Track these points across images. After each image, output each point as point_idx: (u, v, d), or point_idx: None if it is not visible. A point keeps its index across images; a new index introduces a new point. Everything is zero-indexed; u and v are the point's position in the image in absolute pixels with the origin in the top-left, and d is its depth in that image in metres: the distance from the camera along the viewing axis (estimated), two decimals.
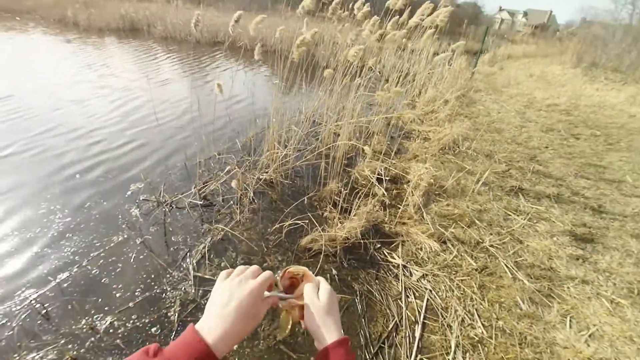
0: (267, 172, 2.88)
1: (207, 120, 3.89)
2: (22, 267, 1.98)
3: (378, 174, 3.06)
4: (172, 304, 1.82)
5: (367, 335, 1.76)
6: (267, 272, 0.57)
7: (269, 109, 3.90)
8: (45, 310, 1.74)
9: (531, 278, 2.19)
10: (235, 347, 1.65)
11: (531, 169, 3.68)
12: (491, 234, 2.57)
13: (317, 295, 0.59)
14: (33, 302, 1.77)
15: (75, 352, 1.56)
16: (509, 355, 1.70)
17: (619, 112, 6.63)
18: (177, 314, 1.77)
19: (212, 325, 0.48)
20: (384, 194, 2.75)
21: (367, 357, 1.66)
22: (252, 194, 2.65)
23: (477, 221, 2.69)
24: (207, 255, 2.14)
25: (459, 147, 4.08)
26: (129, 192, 2.67)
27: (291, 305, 0.60)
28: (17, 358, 1.52)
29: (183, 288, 1.92)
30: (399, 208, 2.73)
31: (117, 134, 3.60)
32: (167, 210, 2.51)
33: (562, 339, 1.80)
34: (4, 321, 1.67)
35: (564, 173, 3.69)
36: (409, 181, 3.09)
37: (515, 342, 1.77)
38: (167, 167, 3.04)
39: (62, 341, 1.60)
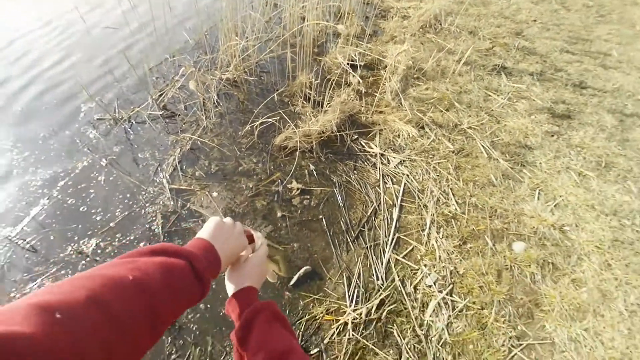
0: (228, 71, 2.58)
1: (145, 15, 3.24)
2: None
3: (352, 60, 2.79)
4: (154, 218, 1.82)
5: (348, 221, 1.84)
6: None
7: None
8: (29, 245, 1.71)
9: (506, 156, 2.23)
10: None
11: (516, 46, 3.43)
12: (470, 116, 2.51)
13: (249, 257, 0.64)
14: (14, 239, 1.73)
15: (70, 277, 1.60)
16: (480, 227, 1.84)
17: None
18: (160, 227, 1.78)
19: (224, 254, 0.54)
20: (359, 81, 2.56)
21: (349, 240, 1.77)
22: (215, 97, 2.42)
23: (456, 103, 2.60)
24: (179, 167, 2.05)
25: (441, 25, 3.69)
26: (82, 114, 2.38)
27: None
28: (15, 292, 1.55)
29: (161, 202, 1.89)
30: (376, 96, 2.58)
31: (47, 50, 3.03)
32: (126, 126, 2.30)
33: (530, 210, 1.93)
34: None
35: (550, 48, 3.47)
36: (386, 66, 2.85)
37: (486, 215, 1.89)
38: (114, 79, 2.67)
39: (54, 269, 1.63)
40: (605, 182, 2.17)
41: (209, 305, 1.53)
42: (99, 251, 1.70)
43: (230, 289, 0.60)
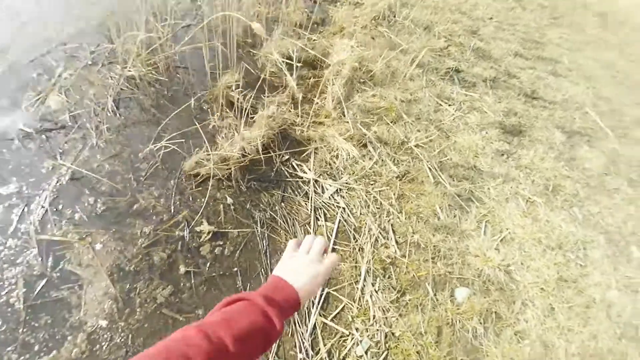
0: (134, 66, 2.07)
1: None
2: None
3: (290, 58, 2.38)
4: (14, 287, 1.35)
5: (269, 273, 1.53)
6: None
7: None
8: None
9: (453, 180, 2.02)
10: None
11: (471, 47, 3.22)
12: (418, 131, 2.26)
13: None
14: None
15: None
16: (420, 273, 1.62)
17: None
18: (22, 299, 1.32)
19: (299, 284, 0.57)
20: (295, 86, 2.17)
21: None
22: (111, 103, 1.91)
23: (404, 115, 2.32)
24: (52, 208, 1.56)
25: (395, 17, 3.35)
26: None
27: None
28: None
29: (25, 261, 1.41)
30: (316, 103, 2.22)
31: None
32: None
33: (475, 247, 1.75)
34: None
35: (504, 51, 3.32)
36: (329, 65, 2.48)
37: (429, 256, 1.68)
38: None
39: None
40: (552, 209, 2.06)
41: None
42: None
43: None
